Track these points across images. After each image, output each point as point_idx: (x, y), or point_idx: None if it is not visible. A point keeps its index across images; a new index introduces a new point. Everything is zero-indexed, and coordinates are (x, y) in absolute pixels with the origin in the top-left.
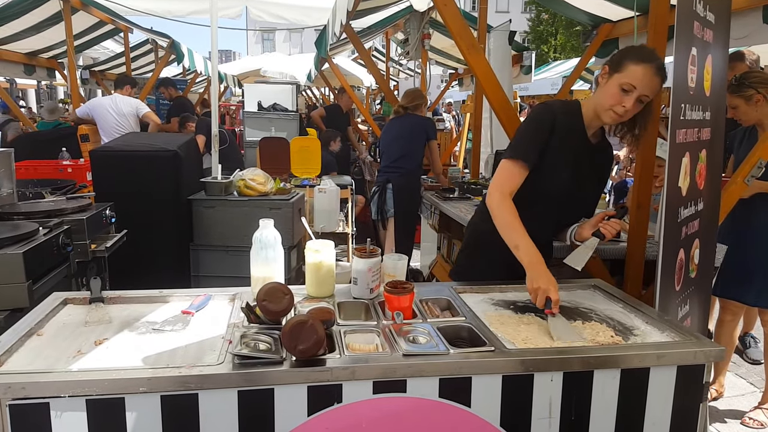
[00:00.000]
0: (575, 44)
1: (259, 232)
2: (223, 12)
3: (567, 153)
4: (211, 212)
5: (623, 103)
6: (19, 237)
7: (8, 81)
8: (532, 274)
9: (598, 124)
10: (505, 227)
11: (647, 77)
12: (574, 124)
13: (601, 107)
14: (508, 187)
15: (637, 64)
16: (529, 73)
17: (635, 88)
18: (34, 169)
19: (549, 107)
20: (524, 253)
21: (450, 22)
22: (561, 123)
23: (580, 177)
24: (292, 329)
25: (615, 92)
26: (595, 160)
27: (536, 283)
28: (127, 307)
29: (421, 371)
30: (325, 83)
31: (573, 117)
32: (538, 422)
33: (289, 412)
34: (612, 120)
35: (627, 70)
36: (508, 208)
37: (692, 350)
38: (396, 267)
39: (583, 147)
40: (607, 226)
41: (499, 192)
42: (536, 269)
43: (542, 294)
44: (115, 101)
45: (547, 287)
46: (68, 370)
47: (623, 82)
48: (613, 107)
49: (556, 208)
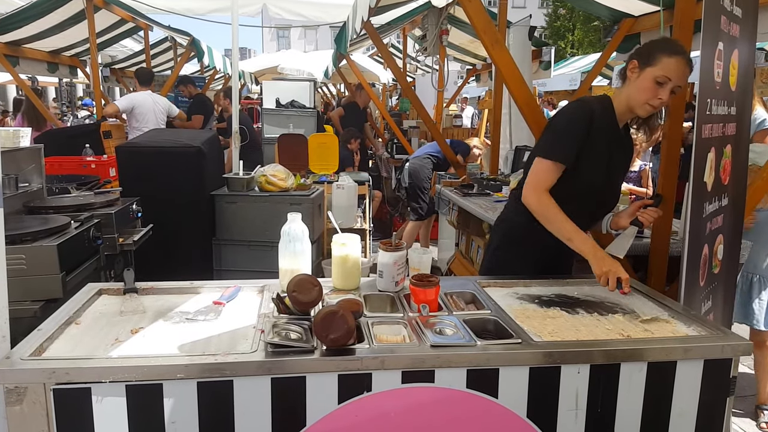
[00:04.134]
0: (593, 40)
1: (288, 226)
2: (242, 10)
3: (603, 148)
4: (233, 207)
5: (659, 96)
6: (53, 230)
7: (30, 79)
8: (596, 260)
9: (629, 117)
10: (554, 222)
11: (680, 68)
12: (608, 119)
13: (636, 102)
14: (545, 184)
15: (671, 57)
16: (549, 69)
17: (670, 80)
18: (59, 165)
19: (587, 104)
20: (581, 242)
21: (474, 17)
22: (598, 119)
23: (612, 169)
24: (323, 319)
25: (650, 86)
26: (625, 152)
27: (605, 267)
28: (159, 298)
29: (449, 362)
30: (341, 80)
31: (607, 112)
32: (564, 414)
33: (320, 400)
34: (648, 113)
35: (661, 63)
36: (551, 204)
37: (719, 344)
38: (421, 261)
39: (615, 141)
40: (644, 215)
41: (539, 190)
42: (597, 256)
43: (613, 276)
44: (153, 97)
45: (616, 269)
46: (108, 356)
47: (658, 75)
48: (649, 101)
49: (594, 202)
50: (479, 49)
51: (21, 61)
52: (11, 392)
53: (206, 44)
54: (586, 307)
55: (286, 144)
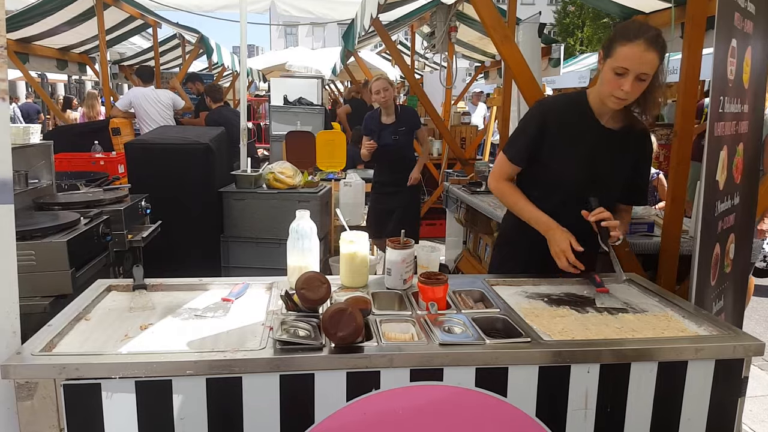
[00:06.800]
0: (602, 37)
1: (296, 223)
2: (251, 7)
3: (572, 141)
4: (241, 204)
5: (622, 87)
6: (62, 226)
7: (39, 76)
8: (550, 239)
9: (608, 110)
10: (512, 205)
11: (637, 56)
12: (578, 112)
13: (604, 95)
14: (501, 174)
15: (624, 45)
16: (558, 66)
17: (628, 70)
18: (68, 162)
19: (539, 105)
20: (535, 222)
21: (484, 13)
22: (556, 115)
23: (596, 161)
24: (332, 316)
25: (610, 78)
26: (619, 143)
27: (557, 246)
28: (168, 294)
29: (457, 360)
30: (349, 77)
31: (576, 106)
32: (573, 413)
33: (328, 397)
34: (616, 105)
35: (616, 54)
36: (507, 189)
37: (731, 344)
38: (429, 259)
39: (596, 132)
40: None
41: (496, 179)
42: (552, 234)
43: (562, 257)
44: (155, 92)
45: (565, 247)
46: (118, 352)
47: (615, 67)
48: (613, 92)
49: (575, 194)
50: (488, 46)
51: (31, 58)
52: (22, 387)
53: (214, 41)
54: (595, 306)
55: (294, 141)
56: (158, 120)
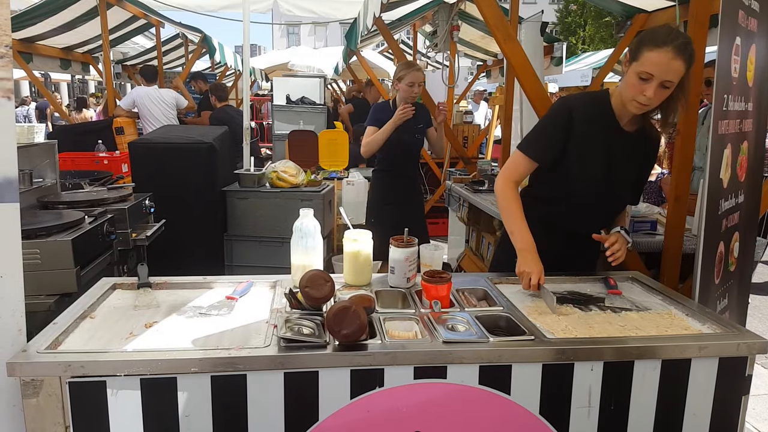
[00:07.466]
0: (604, 36)
1: (300, 221)
2: (253, 6)
3: (595, 142)
4: (244, 203)
5: (644, 92)
6: (67, 225)
7: (43, 75)
8: (521, 259)
9: (629, 113)
10: (505, 212)
11: (664, 62)
12: (600, 113)
13: (626, 98)
14: (514, 176)
15: (652, 50)
16: (560, 65)
17: (653, 76)
18: (72, 161)
19: (565, 102)
20: (518, 238)
21: (486, 12)
22: (581, 115)
23: (615, 165)
24: (336, 314)
25: (634, 82)
26: (633, 147)
27: (523, 267)
28: (173, 293)
29: (461, 358)
30: (351, 76)
31: (599, 107)
32: (577, 411)
33: (332, 395)
34: (637, 110)
35: (642, 58)
36: (510, 196)
37: (734, 342)
38: (433, 257)
39: (615, 135)
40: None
41: (505, 180)
42: (525, 256)
43: (526, 277)
44: (158, 92)
45: (531, 270)
46: (123, 350)
47: (639, 71)
48: (635, 97)
49: (595, 197)
50: (490, 45)
51: (34, 57)
52: (27, 385)
53: (217, 41)
54: (599, 304)
55: (297, 140)
56: (161, 119)
